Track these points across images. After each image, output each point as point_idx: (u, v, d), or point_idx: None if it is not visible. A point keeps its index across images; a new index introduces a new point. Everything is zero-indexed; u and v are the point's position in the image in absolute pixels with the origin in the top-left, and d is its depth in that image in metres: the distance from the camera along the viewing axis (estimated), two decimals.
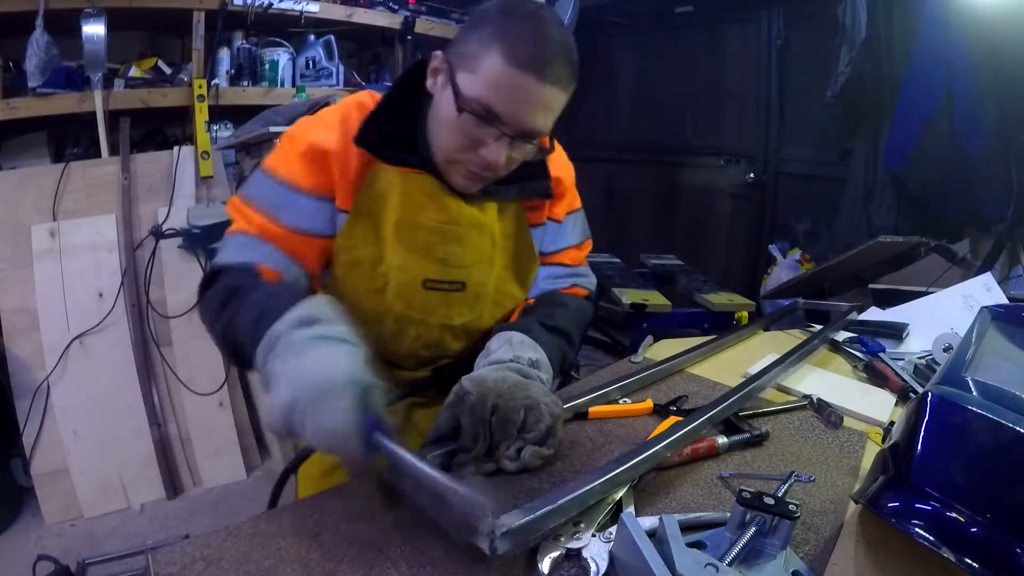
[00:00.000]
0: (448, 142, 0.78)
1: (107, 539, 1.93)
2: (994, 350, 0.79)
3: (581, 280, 1.02)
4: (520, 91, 0.71)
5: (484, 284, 0.91)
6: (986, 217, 2.01)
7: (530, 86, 0.70)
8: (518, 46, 0.69)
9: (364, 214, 0.83)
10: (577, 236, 1.00)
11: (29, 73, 2.02)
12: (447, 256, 0.86)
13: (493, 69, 0.70)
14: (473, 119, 0.73)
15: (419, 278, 0.87)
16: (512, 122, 0.73)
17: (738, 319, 2.16)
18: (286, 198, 0.81)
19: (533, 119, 0.74)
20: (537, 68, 0.70)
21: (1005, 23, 1.88)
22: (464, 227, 0.86)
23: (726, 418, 0.81)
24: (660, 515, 0.55)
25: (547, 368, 0.81)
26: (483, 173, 0.79)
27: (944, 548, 0.50)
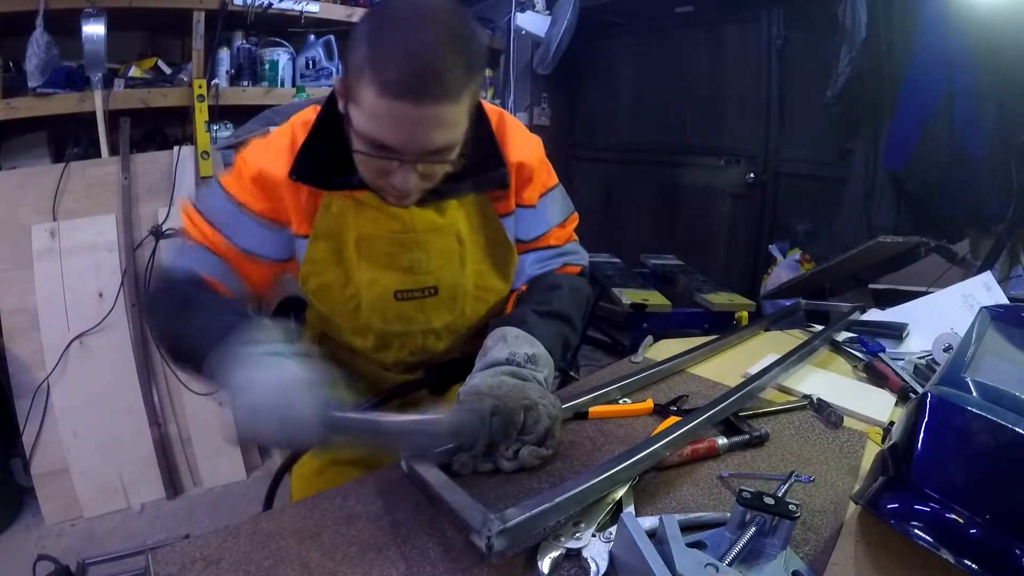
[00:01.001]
0: (363, 172, 0.75)
1: (107, 539, 1.93)
2: (994, 350, 0.79)
3: (571, 258, 0.98)
4: (401, 120, 0.66)
5: (459, 284, 0.90)
6: (986, 217, 2.00)
7: (410, 112, 0.65)
8: (386, 73, 0.64)
9: (324, 237, 0.83)
10: (558, 215, 0.96)
11: (29, 73, 2.02)
12: (412, 264, 0.86)
13: (369, 103, 0.66)
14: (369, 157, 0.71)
15: (390, 291, 0.86)
16: (408, 150, 0.69)
17: (738, 319, 2.16)
18: (237, 219, 0.82)
19: (428, 141, 0.69)
20: (410, 93, 0.64)
21: (1005, 23, 1.88)
22: (422, 232, 0.85)
23: (726, 419, 0.81)
24: (660, 515, 0.55)
25: (546, 361, 0.80)
26: (402, 197, 0.77)
27: (943, 549, 0.50)
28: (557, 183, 0.96)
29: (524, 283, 0.96)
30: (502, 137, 0.87)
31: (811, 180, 2.87)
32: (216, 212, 0.82)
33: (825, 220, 2.68)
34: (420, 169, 0.72)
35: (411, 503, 0.64)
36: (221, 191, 0.82)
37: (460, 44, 0.66)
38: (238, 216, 0.82)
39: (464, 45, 0.66)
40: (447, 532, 0.60)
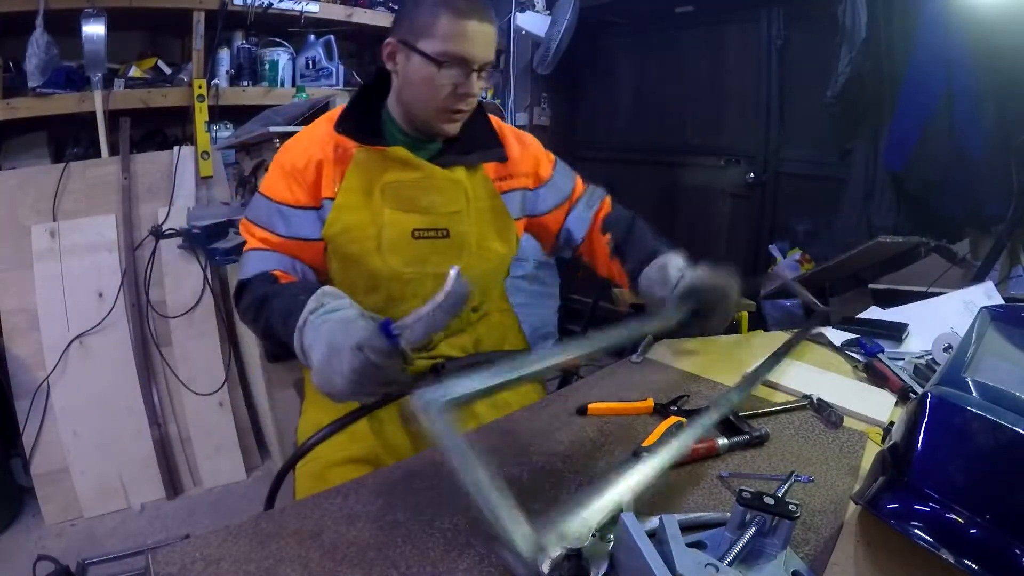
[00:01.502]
0: (430, 97, 0.95)
1: (107, 539, 1.93)
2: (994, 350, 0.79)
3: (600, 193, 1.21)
4: (473, 34, 0.91)
5: (466, 234, 1.04)
6: (986, 217, 2.00)
7: (478, 27, 0.92)
8: (458, 4, 0.90)
9: (354, 186, 0.98)
10: (571, 178, 1.20)
11: (29, 73, 2.02)
12: (430, 205, 1.01)
13: (445, 27, 0.90)
14: (449, 68, 0.92)
15: (408, 228, 1.00)
16: (477, 58, 0.93)
17: (738, 319, 2.15)
18: (278, 214, 0.99)
19: (488, 51, 0.94)
20: (476, 14, 0.91)
21: (1005, 23, 1.88)
22: (439, 180, 1.02)
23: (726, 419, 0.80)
24: (660, 515, 0.55)
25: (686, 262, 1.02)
26: (462, 107, 0.96)
27: (943, 549, 0.50)
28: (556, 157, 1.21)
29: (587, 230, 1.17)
30: (500, 134, 1.10)
31: (811, 180, 2.86)
32: (261, 215, 1.00)
33: (825, 220, 2.68)
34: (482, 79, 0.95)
35: (411, 503, 0.64)
36: (261, 197, 1.01)
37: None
38: (278, 211, 0.99)
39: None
40: (447, 532, 0.60)
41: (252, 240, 1.01)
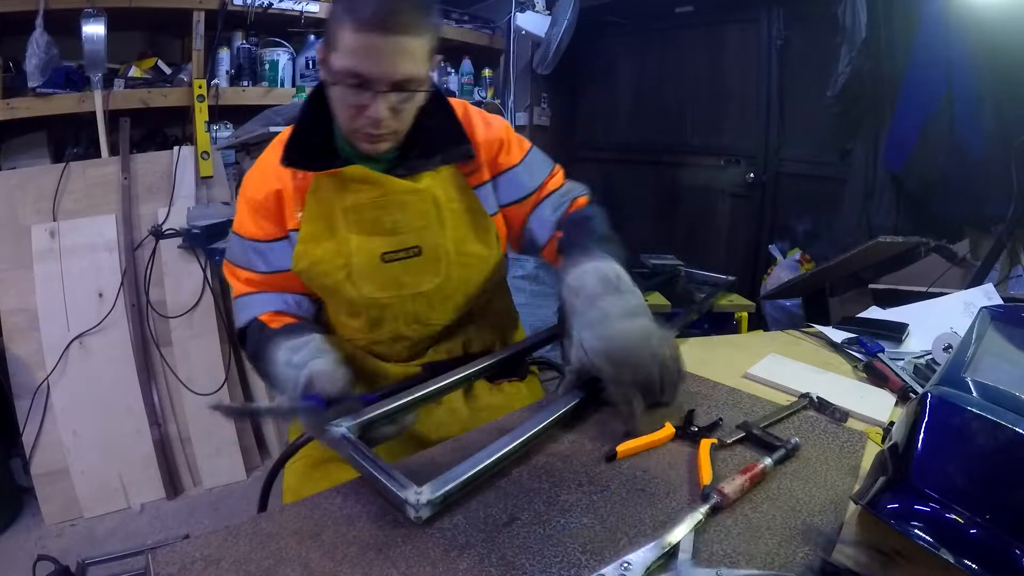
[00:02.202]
0: (342, 116, 0.87)
1: (107, 539, 1.93)
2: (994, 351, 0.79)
3: (575, 192, 1.07)
4: (372, 50, 0.80)
5: (440, 246, 0.97)
6: (986, 217, 2.00)
7: (380, 42, 0.79)
8: (360, 11, 0.78)
9: (315, 217, 0.94)
10: (544, 168, 1.07)
11: (29, 73, 2.02)
12: (394, 225, 0.94)
13: (346, 40, 0.80)
14: (347, 88, 0.83)
15: (376, 254, 0.95)
16: (378, 78, 0.81)
17: (738, 319, 2.16)
18: (253, 251, 0.97)
19: (395, 69, 0.81)
20: (380, 25, 0.78)
21: (1005, 23, 1.88)
22: (401, 194, 0.94)
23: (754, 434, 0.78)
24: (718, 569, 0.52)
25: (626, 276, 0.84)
26: (378, 132, 0.86)
27: (943, 550, 0.50)
28: (532, 145, 1.08)
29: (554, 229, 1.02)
30: (467, 122, 0.99)
31: (811, 180, 2.86)
32: (238, 255, 0.99)
33: (825, 220, 2.68)
34: (391, 101, 0.83)
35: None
36: (235, 237, 0.99)
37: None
38: (253, 248, 0.97)
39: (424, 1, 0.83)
40: (447, 532, 0.60)
41: (237, 284, 1.00)
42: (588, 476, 0.70)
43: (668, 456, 0.76)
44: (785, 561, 0.57)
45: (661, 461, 0.74)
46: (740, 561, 0.57)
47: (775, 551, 0.58)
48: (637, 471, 0.72)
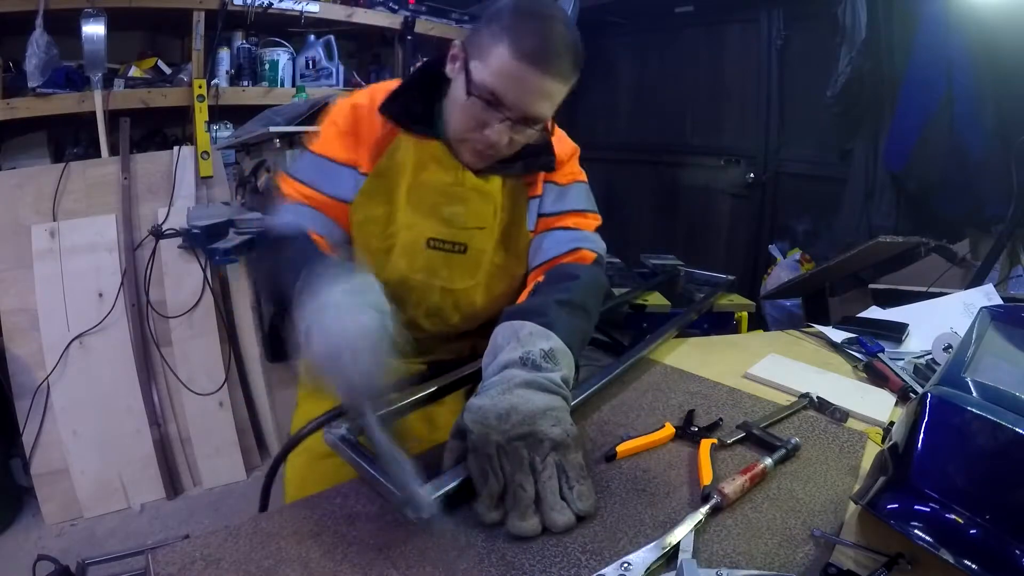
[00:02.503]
0: (458, 122, 0.87)
1: (107, 539, 1.93)
2: (994, 350, 0.79)
3: (587, 244, 1.00)
4: (523, 81, 0.79)
5: (484, 251, 0.96)
6: (986, 217, 2.00)
7: (533, 77, 0.79)
8: (524, 41, 0.78)
9: (382, 176, 0.92)
10: (581, 203, 1.02)
11: (29, 73, 2.02)
12: (451, 216, 0.93)
13: (501, 60, 0.79)
14: (480, 103, 0.82)
15: (423, 237, 0.93)
16: (514, 108, 0.82)
17: (738, 319, 2.16)
18: (324, 170, 0.93)
19: (534, 107, 0.82)
20: (540, 62, 0.78)
21: (1005, 23, 1.88)
22: (468, 190, 0.92)
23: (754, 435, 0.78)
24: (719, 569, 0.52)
25: (564, 355, 0.76)
26: (487, 151, 0.87)
27: (943, 549, 0.50)
28: (586, 180, 1.05)
29: (541, 264, 0.98)
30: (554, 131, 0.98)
31: (811, 180, 2.87)
32: (306, 171, 0.95)
33: (825, 220, 2.68)
34: (515, 131, 0.84)
35: None
36: (309, 153, 0.96)
37: (577, 44, 0.83)
38: (325, 167, 0.93)
39: (578, 47, 0.83)
40: (447, 532, 0.60)
41: (293, 192, 0.94)
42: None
43: (668, 456, 0.76)
44: (785, 561, 0.57)
45: (661, 461, 0.75)
46: (740, 561, 0.57)
47: (775, 551, 0.58)
48: (637, 471, 0.72)
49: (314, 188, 0.93)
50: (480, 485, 0.62)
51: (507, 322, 0.79)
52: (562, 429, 0.65)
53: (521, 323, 0.78)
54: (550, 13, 0.83)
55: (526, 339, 0.75)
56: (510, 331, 0.77)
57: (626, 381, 0.97)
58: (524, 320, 0.78)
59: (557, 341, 0.76)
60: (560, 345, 0.76)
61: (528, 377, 0.70)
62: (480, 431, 0.64)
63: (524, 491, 0.61)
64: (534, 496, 0.61)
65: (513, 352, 0.74)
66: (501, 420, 0.64)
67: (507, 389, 0.69)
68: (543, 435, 0.64)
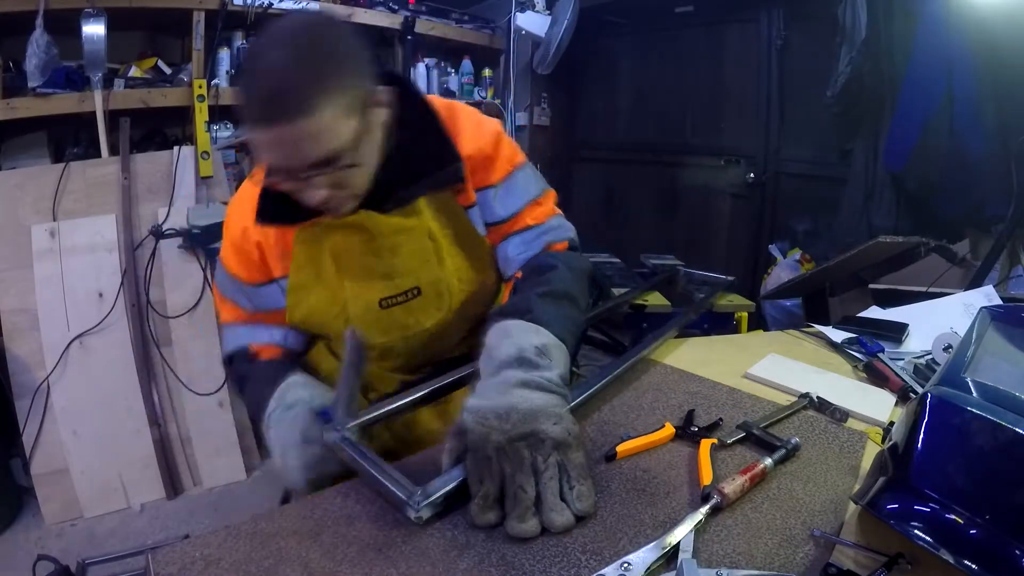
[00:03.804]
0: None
1: (107, 539, 1.93)
2: (994, 350, 0.79)
3: (556, 234, 0.94)
4: (270, 143, 0.71)
5: (440, 281, 0.90)
6: (986, 217, 2.01)
7: (270, 135, 0.70)
8: (246, 108, 0.70)
9: (302, 270, 0.89)
10: (531, 191, 0.93)
11: (29, 73, 2.02)
12: (389, 270, 0.88)
13: (251, 139, 0.73)
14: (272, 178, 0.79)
15: (374, 301, 0.89)
16: (290, 168, 0.73)
17: (738, 319, 2.16)
18: (238, 289, 0.93)
19: (302, 157, 0.71)
20: (263, 119, 0.69)
21: (1005, 23, 1.88)
22: (390, 237, 0.86)
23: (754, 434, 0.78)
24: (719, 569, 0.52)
25: (557, 348, 0.74)
26: (327, 208, 0.79)
27: (943, 549, 0.50)
28: (524, 161, 0.94)
29: (517, 270, 0.92)
30: (454, 130, 0.87)
31: (811, 180, 2.87)
32: (225, 287, 0.95)
33: (825, 220, 2.68)
34: (325, 182, 0.74)
35: None
36: (221, 266, 0.94)
37: (304, 59, 0.69)
38: (238, 286, 0.92)
39: (310, 58, 0.69)
40: (447, 532, 0.60)
41: (224, 312, 0.96)
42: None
43: (668, 456, 0.76)
44: (785, 561, 0.57)
45: (661, 461, 0.74)
46: (740, 561, 0.57)
47: (775, 551, 0.58)
48: (637, 471, 0.72)
49: (240, 307, 0.94)
50: (475, 487, 0.61)
51: (496, 323, 0.77)
52: (563, 427, 0.64)
53: (510, 322, 0.75)
54: (260, 49, 0.73)
55: (517, 336, 0.73)
56: (501, 331, 0.75)
57: (626, 381, 0.97)
58: (511, 319, 0.75)
59: (548, 335, 0.74)
60: (551, 339, 0.74)
61: (525, 377, 0.69)
62: (480, 431, 0.63)
63: (525, 492, 0.60)
64: (535, 497, 0.60)
65: (507, 351, 0.72)
66: (501, 420, 0.63)
67: (505, 389, 0.67)
68: (544, 434, 0.63)
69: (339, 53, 0.72)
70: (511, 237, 0.92)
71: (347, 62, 0.73)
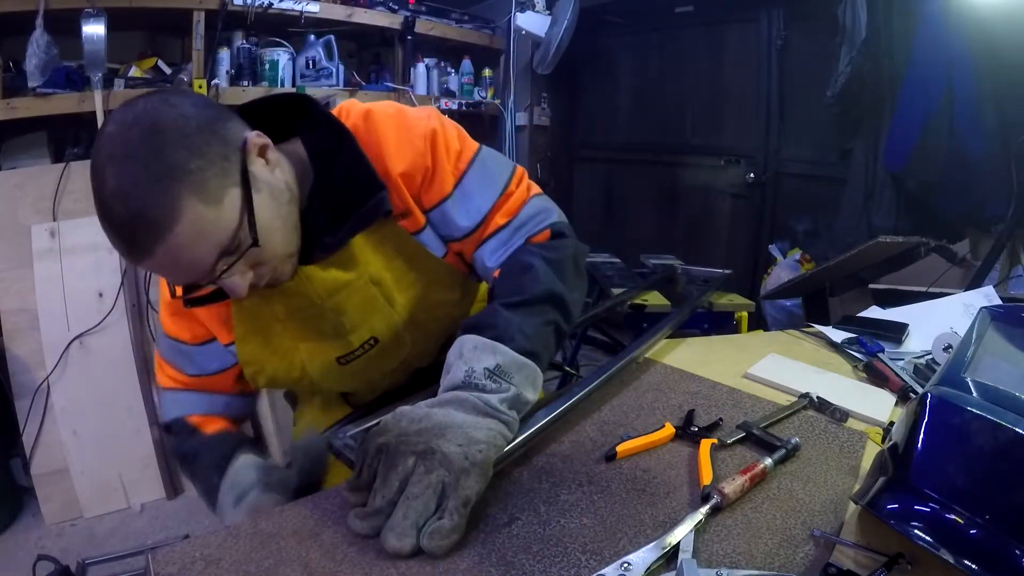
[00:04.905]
0: None
1: (107, 539, 1.93)
2: (994, 350, 0.79)
3: (535, 225, 0.82)
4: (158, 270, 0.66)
5: (396, 324, 0.82)
6: (986, 217, 2.01)
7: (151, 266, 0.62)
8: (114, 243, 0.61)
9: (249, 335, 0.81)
10: (494, 185, 0.80)
11: (29, 73, 2.02)
12: (338, 329, 0.80)
13: None
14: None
15: (330, 359, 0.83)
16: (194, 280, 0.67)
17: (738, 319, 2.16)
18: (179, 352, 0.85)
19: (193, 268, 0.63)
20: (129, 257, 0.61)
21: (1005, 23, 1.88)
22: (329, 298, 0.77)
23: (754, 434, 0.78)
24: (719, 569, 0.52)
25: (518, 368, 0.66)
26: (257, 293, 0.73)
27: (943, 549, 0.50)
28: (475, 152, 0.80)
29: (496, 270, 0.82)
30: (376, 146, 0.74)
31: (811, 180, 2.87)
32: (166, 351, 0.87)
33: (825, 220, 2.68)
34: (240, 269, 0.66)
35: None
36: (162, 330, 0.87)
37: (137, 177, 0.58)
38: (178, 350, 0.85)
39: (145, 170, 0.58)
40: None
41: (163, 376, 0.89)
42: (588, 476, 0.70)
43: (668, 456, 0.76)
44: (785, 561, 0.57)
45: (661, 461, 0.74)
46: (740, 561, 0.57)
47: (775, 551, 0.58)
48: (637, 471, 0.72)
49: (183, 372, 0.86)
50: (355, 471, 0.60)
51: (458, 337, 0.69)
52: (465, 450, 0.56)
53: (468, 339, 0.67)
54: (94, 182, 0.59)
55: (470, 356, 0.66)
56: (457, 349, 0.68)
57: (626, 381, 0.97)
58: (472, 334, 0.68)
59: (507, 354, 0.66)
60: (511, 358, 0.66)
61: (463, 396, 0.63)
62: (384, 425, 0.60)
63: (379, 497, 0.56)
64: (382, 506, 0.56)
65: (455, 375, 0.65)
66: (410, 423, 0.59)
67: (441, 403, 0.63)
68: (437, 448, 0.56)
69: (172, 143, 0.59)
70: (485, 243, 0.80)
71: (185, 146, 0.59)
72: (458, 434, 0.58)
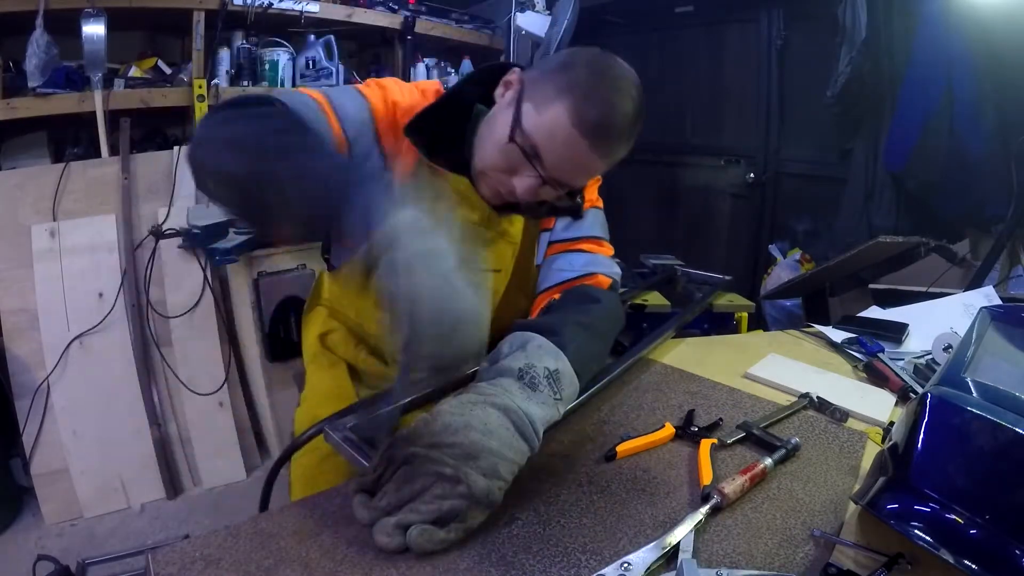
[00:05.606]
0: (489, 156, 0.79)
1: (107, 539, 1.93)
2: (994, 350, 0.79)
3: (603, 269, 0.93)
4: (571, 150, 0.73)
5: (496, 292, 0.89)
6: (986, 217, 2.01)
7: (583, 151, 0.73)
8: (588, 110, 0.71)
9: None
10: (596, 230, 0.98)
11: (29, 73, 2.01)
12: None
13: (556, 119, 0.72)
14: (518, 151, 0.75)
15: None
16: (552, 170, 0.75)
17: (738, 319, 2.15)
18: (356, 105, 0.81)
19: (572, 177, 0.77)
20: (596, 137, 0.72)
21: (1005, 23, 1.88)
22: (492, 232, 0.87)
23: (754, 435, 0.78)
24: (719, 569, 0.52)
25: (569, 381, 0.69)
26: (507, 196, 0.80)
27: (943, 549, 0.50)
28: (602, 207, 1.02)
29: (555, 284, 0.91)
30: None
31: (811, 180, 2.87)
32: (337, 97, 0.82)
33: (825, 220, 2.68)
34: (541, 189, 0.77)
35: None
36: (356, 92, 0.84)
37: (639, 122, 0.76)
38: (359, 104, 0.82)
39: (639, 124, 0.76)
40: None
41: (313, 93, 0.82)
42: (588, 476, 0.70)
43: (668, 456, 0.76)
44: (785, 561, 0.57)
45: (661, 461, 0.74)
46: (740, 561, 0.57)
47: (775, 551, 0.58)
48: (637, 471, 0.72)
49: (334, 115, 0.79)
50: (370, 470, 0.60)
51: (518, 332, 0.72)
52: (487, 485, 0.56)
53: (532, 336, 0.70)
54: (623, 85, 0.75)
55: (533, 352, 0.68)
56: (519, 340, 0.70)
57: (626, 381, 0.97)
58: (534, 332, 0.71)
59: (566, 364, 0.69)
60: (568, 369, 0.69)
61: (510, 404, 0.62)
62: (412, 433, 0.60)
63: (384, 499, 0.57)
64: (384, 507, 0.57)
65: (515, 361, 0.67)
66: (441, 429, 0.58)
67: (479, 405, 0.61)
68: (463, 476, 0.55)
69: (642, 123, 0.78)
70: (564, 254, 0.93)
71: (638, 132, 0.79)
72: (489, 463, 0.57)
